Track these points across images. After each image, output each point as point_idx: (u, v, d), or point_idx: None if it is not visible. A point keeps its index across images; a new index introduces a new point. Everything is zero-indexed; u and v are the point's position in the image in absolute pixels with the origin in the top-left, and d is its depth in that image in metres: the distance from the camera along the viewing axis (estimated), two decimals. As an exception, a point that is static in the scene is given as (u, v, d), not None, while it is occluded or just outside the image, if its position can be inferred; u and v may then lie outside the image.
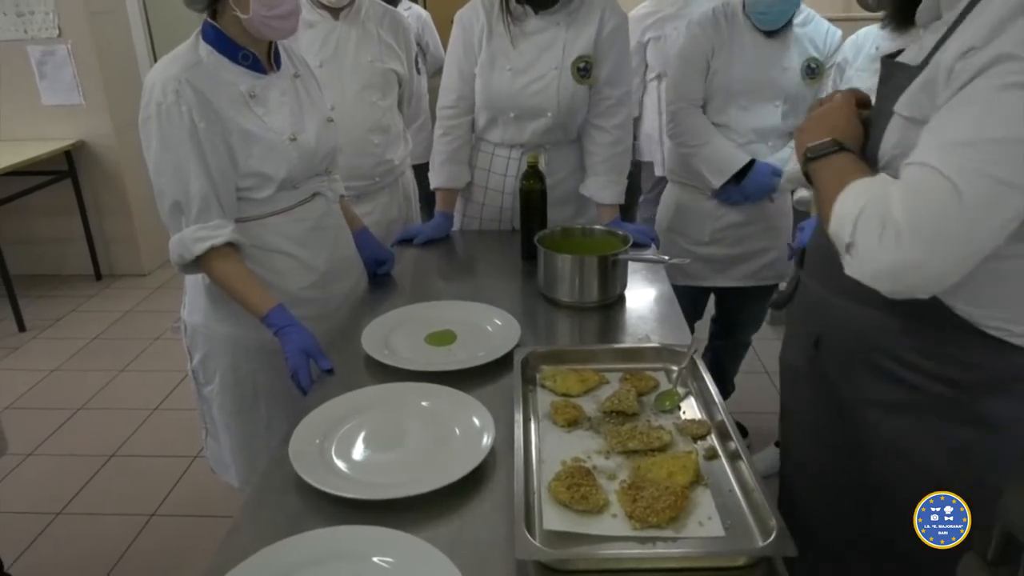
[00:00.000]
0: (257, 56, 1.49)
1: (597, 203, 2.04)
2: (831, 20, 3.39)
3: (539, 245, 1.67)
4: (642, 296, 1.70)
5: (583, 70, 1.96)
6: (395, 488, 1.03)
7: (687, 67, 2.21)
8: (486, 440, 1.13)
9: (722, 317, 2.66)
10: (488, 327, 1.52)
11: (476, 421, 1.18)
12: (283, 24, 1.46)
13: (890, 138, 0.98)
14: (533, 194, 1.88)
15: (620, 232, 1.72)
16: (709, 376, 1.28)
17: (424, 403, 1.25)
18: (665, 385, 1.31)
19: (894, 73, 1.03)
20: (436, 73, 4.64)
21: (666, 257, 1.57)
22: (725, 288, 2.42)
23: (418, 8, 4.34)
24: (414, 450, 1.14)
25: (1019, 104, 0.81)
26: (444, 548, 0.91)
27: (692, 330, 2.67)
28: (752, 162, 2.16)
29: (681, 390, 1.28)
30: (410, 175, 2.46)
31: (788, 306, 1.28)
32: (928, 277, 0.85)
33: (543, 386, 1.30)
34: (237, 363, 1.59)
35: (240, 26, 1.45)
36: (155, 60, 4.66)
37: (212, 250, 1.42)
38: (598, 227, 1.80)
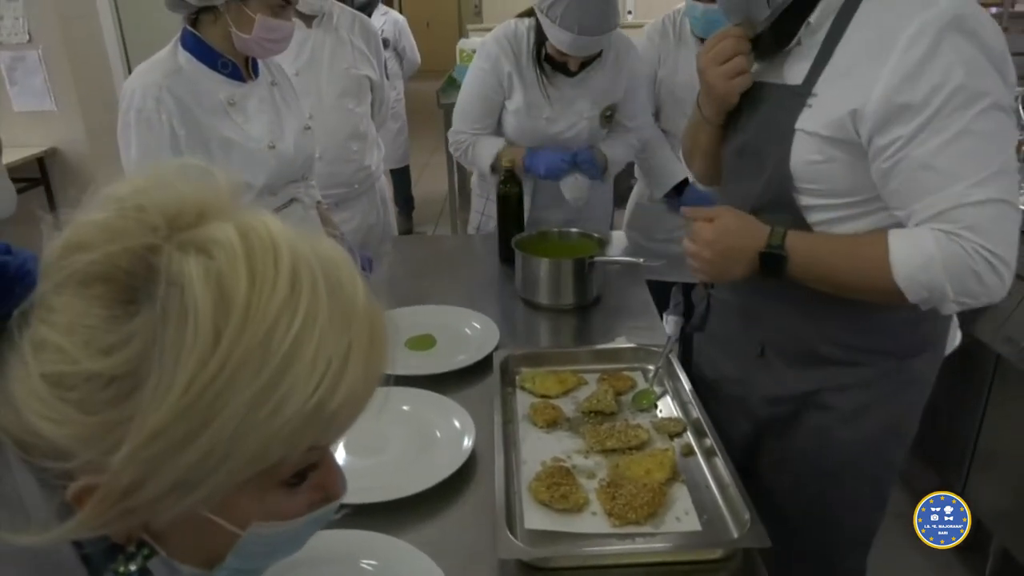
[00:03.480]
0: (236, 64, 1.50)
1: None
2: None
3: (516, 249, 1.69)
4: (618, 296, 1.73)
5: (609, 116, 2.06)
6: (378, 492, 1.04)
7: None
8: (467, 443, 1.14)
9: (689, 311, 2.71)
10: (467, 331, 1.53)
11: (457, 424, 1.20)
12: (277, 46, 1.50)
13: (800, 153, 1.06)
14: (510, 198, 1.90)
15: (596, 235, 1.75)
16: (684, 374, 1.31)
17: (405, 407, 1.26)
18: (642, 384, 1.34)
19: (773, 93, 1.12)
20: (412, 77, 4.66)
21: (641, 260, 1.60)
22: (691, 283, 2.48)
23: (395, 13, 4.35)
24: (396, 454, 1.16)
25: (1000, 122, 0.96)
26: (428, 550, 0.93)
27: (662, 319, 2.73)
28: (687, 179, 2.22)
29: (658, 389, 1.31)
30: (384, 180, 2.49)
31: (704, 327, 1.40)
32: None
33: (523, 388, 1.32)
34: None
35: (221, 35, 1.45)
36: (128, 65, 4.62)
37: None
38: (574, 230, 1.82)
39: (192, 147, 1.42)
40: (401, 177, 4.79)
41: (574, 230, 1.82)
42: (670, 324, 1.69)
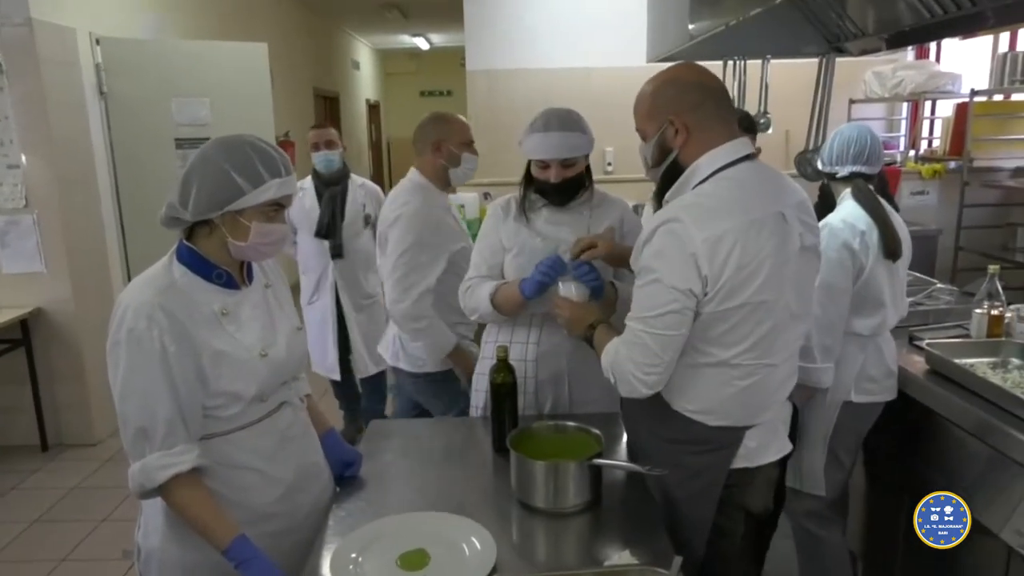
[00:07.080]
0: (231, 274, 1.50)
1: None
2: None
3: (512, 449, 1.64)
4: (620, 495, 1.66)
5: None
6: None
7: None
8: None
9: None
10: (463, 544, 1.45)
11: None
12: (272, 249, 1.51)
13: None
14: (503, 387, 1.88)
15: (594, 431, 1.71)
16: (694, 602, 1.24)
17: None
18: (650, 613, 1.26)
19: None
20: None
21: (644, 468, 1.55)
22: None
23: (370, 184, 4.10)
24: None
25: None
26: None
27: None
28: None
29: (667, 619, 1.23)
30: None
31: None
32: None
33: (523, 621, 1.24)
34: (195, 590, 1.49)
35: (217, 245, 1.46)
36: (123, 227, 4.69)
37: (175, 477, 1.37)
38: (570, 424, 1.78)
39: (183, 362, 1.39)
40: (380, 382, 3.98)
41: (571, 424, 1.78)
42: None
